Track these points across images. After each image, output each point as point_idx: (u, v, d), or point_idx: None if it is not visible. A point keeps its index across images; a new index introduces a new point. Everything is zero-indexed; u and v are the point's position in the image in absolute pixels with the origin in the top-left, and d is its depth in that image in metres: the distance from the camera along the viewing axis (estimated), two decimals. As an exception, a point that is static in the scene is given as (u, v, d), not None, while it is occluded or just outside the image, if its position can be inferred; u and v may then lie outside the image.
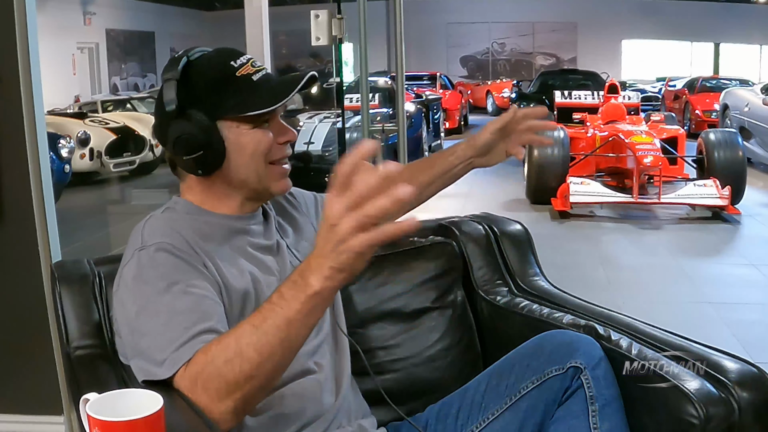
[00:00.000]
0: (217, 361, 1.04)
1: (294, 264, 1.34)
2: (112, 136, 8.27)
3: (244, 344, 1.02)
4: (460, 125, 14.01)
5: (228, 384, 1.03)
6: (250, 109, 1.23)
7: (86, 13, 16.83)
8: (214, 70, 1.24)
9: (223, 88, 1.23)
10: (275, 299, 1.02)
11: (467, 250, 1.70)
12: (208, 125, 1.22)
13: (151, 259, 1.17)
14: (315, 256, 0.97)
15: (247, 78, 1.24)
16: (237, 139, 1.24)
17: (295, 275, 1.01)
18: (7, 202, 2.17)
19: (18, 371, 2.27)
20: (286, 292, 1.01)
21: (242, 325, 1.05)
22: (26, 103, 2.13)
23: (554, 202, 6.31)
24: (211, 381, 1.04)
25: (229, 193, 1.29)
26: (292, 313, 1.00)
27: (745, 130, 8.59)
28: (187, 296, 1.14)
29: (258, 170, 1.26)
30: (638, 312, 1.55)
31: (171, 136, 1.22)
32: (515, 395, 1.27)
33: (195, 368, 1.06)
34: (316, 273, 0.97)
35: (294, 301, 1.00)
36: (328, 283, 0.98)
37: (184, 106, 1.22)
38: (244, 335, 1.03)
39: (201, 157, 1.22)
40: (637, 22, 21.39)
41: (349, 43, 4.26)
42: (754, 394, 1.20)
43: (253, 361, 1.02)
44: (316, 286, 0.98)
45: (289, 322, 1.01)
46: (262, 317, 1.02)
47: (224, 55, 1.27)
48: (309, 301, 0.99)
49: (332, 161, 6.32)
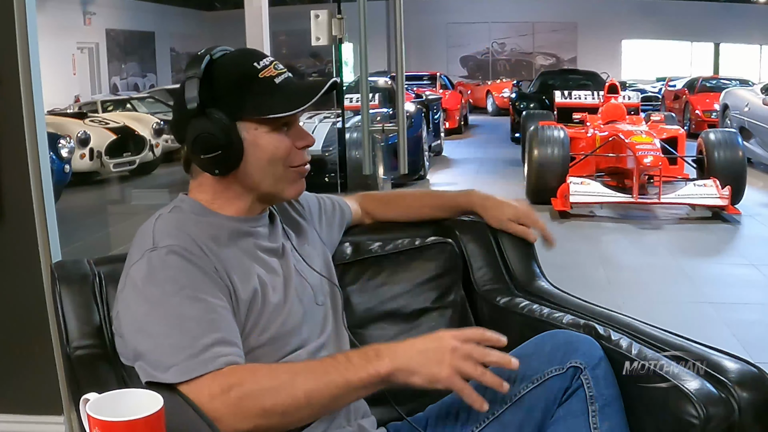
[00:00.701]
0: (263, 383, 1.08)
1: (299, 267, 1.35)
2: (112, 136, 8.28)
3: (297, 383, 1.08)
4: (460, 125, 14.01)
5: (263, 409, 1.07)
6: (271, 112, 1.23)
7: (86, 13, 16.83)
8: (237, 70, 1.24)
9: (245, 88, 1.23)
10: (341, 359, 1.11)
11: (467, 250, 1.69)
12: (227, 125, 1.21)
13: (162, 262, 1.17)
14: (404, 346, 1.10)
15: (270, 80, 1.23)
16: (255, 140, 1.24)
17: (369, 349, 1.11)
18: (7, 202, 2.17)
19: (18, 371, 2.27)
20: (355, 358, 1.10)
21: (300, 365, 1.12)
22: (26, 103, 2.13)
23: (554, 202, 6.31)
24: (248, 400, 1.07)
25: (241, 193, 1.29)
26: (355, 379, 1.09)
27: (745, 130, 8.59)
28: (197, 302, 1.14)
29: (275, 174, 1.27)
30: (638, 312, 1.55)
31: (190, 134, 1.22)
32: (515, 395, 1.27)
33: (231, 380, 1.08)
34: (395, 358, 1.09)
35: (361, 369, 1.09)
36: (397, 373, 1.08)
37: (204, 105, 1.21)
38: (300, 374, 1.09)
39: (219, 156, 1.22)
40: (637, 22, 21.39)
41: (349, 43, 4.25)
42: (754, 394, 1.20)
43: (298, 401, 1.07)
44: (387, 367, 1.09)
45: (348, 385, 1.09)
46: (324, 370, 1.09)
47: (247, 56, 1.26)
48: (372, 377, 1.09)
49: (332, 161, 6.32)
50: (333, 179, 5.83)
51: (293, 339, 1.27)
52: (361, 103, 3.09)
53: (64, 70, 14.90)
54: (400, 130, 2.97)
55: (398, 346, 1.11)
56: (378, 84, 8.95)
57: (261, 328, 1.23)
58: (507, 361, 1.12)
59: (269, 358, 1.24)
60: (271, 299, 1.25)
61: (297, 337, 1.28)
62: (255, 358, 1.21)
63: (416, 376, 1.09)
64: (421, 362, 1.09)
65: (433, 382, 1.09)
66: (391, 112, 7.58)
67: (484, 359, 1.10)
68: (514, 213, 1.63)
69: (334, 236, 1.58)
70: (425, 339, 1.12)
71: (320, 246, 1.46)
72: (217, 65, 1.24)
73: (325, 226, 1.54)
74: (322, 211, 1.55)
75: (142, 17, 18.70)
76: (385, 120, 7.02)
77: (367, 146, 3.09)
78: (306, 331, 1.31)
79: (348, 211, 1.63)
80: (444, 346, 1.09)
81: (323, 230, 1.52)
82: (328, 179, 6.03)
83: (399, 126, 2.98)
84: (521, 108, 11.53)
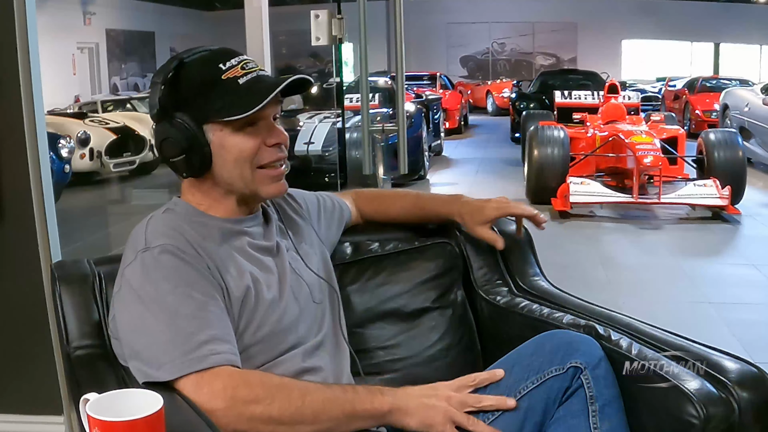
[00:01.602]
0: (276, 394, 1.12)
1: (295, 266, 1.35)
2: (112, 136, 8.26)
3: (307, 399, 1.13)
4: (460, 125, 14.01)
5: (269, 417, 1.10)
6: (231, 113, 1.23)
7: (86, 13, 16.82)
8: (201, 73, 1.25)
9: (209, 91, 1.23)
10: (349, 389, 1.19)
11: (467, 250, 1.69)
12: (192, 129, 1.23)
13: (155, 261, 1.17)
14: (405, 391, 1.20)
15: (233, 81, 1.23)
16: (221, 142, 1.24)
17: (374, 387, 1.21)
18: (7, 202, 2.17)
19: (18, 371, 2.27)
20: (363, 392, 1.18)
21: (313, 385, 1.18)
22: (26, 103, 2.13)
23: (554, 202, 6.31)
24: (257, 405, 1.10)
25: (223, 195, 1.29)
26: (360, 409, 1.16)
27: (745, 130, 8.59)
28: (191, 300, 1.14)
29: (243, 175, 1.26)
30: (638, 312, 1.55)
31: (157, 138, 1.25)
32: (515, 395, 1.27)
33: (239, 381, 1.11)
34: (395, 399, 1.18)
35: (366, 401, 1.17)
36: (393, 411, 1.17)
37: (172, 109, 1.23)
38: (310, 392, 1.14)
39: (185, 159, 1.24)
40: (637, 22, 21.38)
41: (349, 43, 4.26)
42: (754, 394, 1.20)
43: (304, 417, 1.12)
44: (387, 405, 1.17)
45: (353, 413, 1.15)
46: (333, 393, 1.16)
47: (216, 57, 1.26)
48: (375, 410, 1.17)
49: (332, 161, 6.32)
50: (333, 179, 5.84)
51: (289, 336, 1.28)
52: (361, 103, 3.09)
53: (64, 70, 14.88)
54: (400, 130, 2.98)
55: (399, 389, 1.20)
56: (378, 84, 8.94)
57: (256, 326, 1.23)
58: (502, 403, 1.23)
59: (265, 355, 1.24)
60: (265, 297, 1.25)
61: (293, 334, 1.29)
62: (251, 355, 1.22)
63: (412, 417, 1.18)
64: (417, 406, 1.19)
65: (427, 425, 1.18)
66: (391, 112, 7.57)
67: (478, 405, 1.22)
68: (496, 211, 1.59)
69: (333, 235, 1.57)
70: (423, 387, 1.23)
71: (318, 245, 1.46)
72: (185, 69, 1.25)
73: (324, 225, 1.53)
74: (322, 209, 1.55)
75: (142, 17, 18.68)
76: (385, 120, 7.01)
77: (367, 146, 3.10)
78: (303, 329, 1.31)
79: (348, 211, 1.63)
80: (439, 395, 1.21)
81: (322, 229, 1.51)
82: (328, 179, 6.03)
83: (399, 126, 2.98)
84: (521, 108, 11.53)
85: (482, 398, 1.23)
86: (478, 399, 1.23)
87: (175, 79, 1.24)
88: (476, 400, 1.23)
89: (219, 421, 1.06)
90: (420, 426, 1.18)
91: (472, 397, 1.23)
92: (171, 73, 1.24)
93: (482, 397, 1.23)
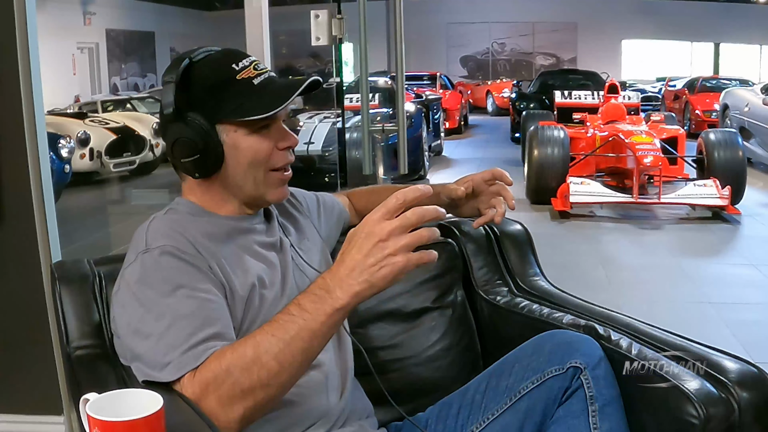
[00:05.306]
0: (233, 368, 1.05)
1: (297, 262, 1.35)
2: (112, 136, 8.26)
3: (263, 352, 1.04)
4: (460, 125, 14.01)
5: (243, 391, 1.04)
6: (248, 114, 1.22)
7: (86, 13, 16.81)
8: (214, 73, 1.24)
9: (223, 91, 1.23)
10: (295, 311, 1.04)
11: (467, 250, 1.70)
12: (206, 129, 1.22)
13: (155, 262, 1.17)
14: (345, 270, 1.01)
15: (248, 81, 1.23)
16: (235, 143, 1.24)
17: (316, 288, 1.04)
18: (7, 202, 2.17)
19: (18, 371, 2.27)
20: (308, 304, 1.04)
21: (259, 334, 1.06)
22: (26, 103, 2.13)
23: (554, 202, 6.31)
24: (225, 387, 1.04)
25: (227, 197, 1.29)
26: (317, 325, 1.03)
27: (745, 130, 8.59)
28: (192, 300, 1.14)
29: (256, 177, 1.26)
30: (638, 312, 1.55)
31: (169, 138, 1.23)
32: (515, 395, 1.27)
33: (206, 374, 1.06)
34: (345, 287, 1.01)
35: (318, 313, 1.03)
36: (355, 299, 1.02)
37: (184, 109, 1.22)
38: (262, 344, 1.04)
39: (198, 160, 1.23)
40: (637, 22, 21.39)
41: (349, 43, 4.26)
42: (754, 394, 1.20)
43: (272, 369, 1.04)
44: (343, 300, 1.02)
45: (312, 334, 1.04)
46: (284, 328, 1.04)
47: (228, 57, 1.26)
48: (334, 314, 1.03)
49: (332, 161, 6.32)
50: (333, 179, 5.84)
51: None
52: (361, 103, 3.09)
53: (64, 70, 14.88)
54: (400, 130, 2.97)
55: (339, 269, 1.02)
56: (378, 84, 8.94)
57: (260, 323, 1.23)
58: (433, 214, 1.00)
59: None
60: (268, 293, 1.25)
61: None
62: None
63: (375, 288, 1.01)
64: (371, 272, 1.00)
65: (386, 286, 1.01)
66: (391, 112, 7.57)
67: (421, 243, 1.00)
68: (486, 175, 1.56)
69: (333, 233, 1.58)
70: (364, 249, 1.00)
71: (319, 242, 1.47)
72: (196, 68, 1.24)
73: (324, 222, 1.54)
74: (321, 207, 1.55)
75: (142, 17, 18.68)
76: (385, 120, 7.01)
77: (367, 146, 3.09)
78: None
79: (346, 212, 1.64)
80: (391, 245, 0.98)
81: (322, 226, 1.52)
82: (328, 179, 6.03)
83: (399, 126, 2.98)
84: (521, 108, 11.53)
85: (426, 236, 1.00)
86: (422, 237, 1.00)
87: (186, 79, 1.23)
88: (421, 238, 1.00)
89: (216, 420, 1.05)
90: (389, 285, 1.01)
91: (405, 220, 0.99)
92: (182, 73, 1.22)
93: (425, 234, 1.00)
